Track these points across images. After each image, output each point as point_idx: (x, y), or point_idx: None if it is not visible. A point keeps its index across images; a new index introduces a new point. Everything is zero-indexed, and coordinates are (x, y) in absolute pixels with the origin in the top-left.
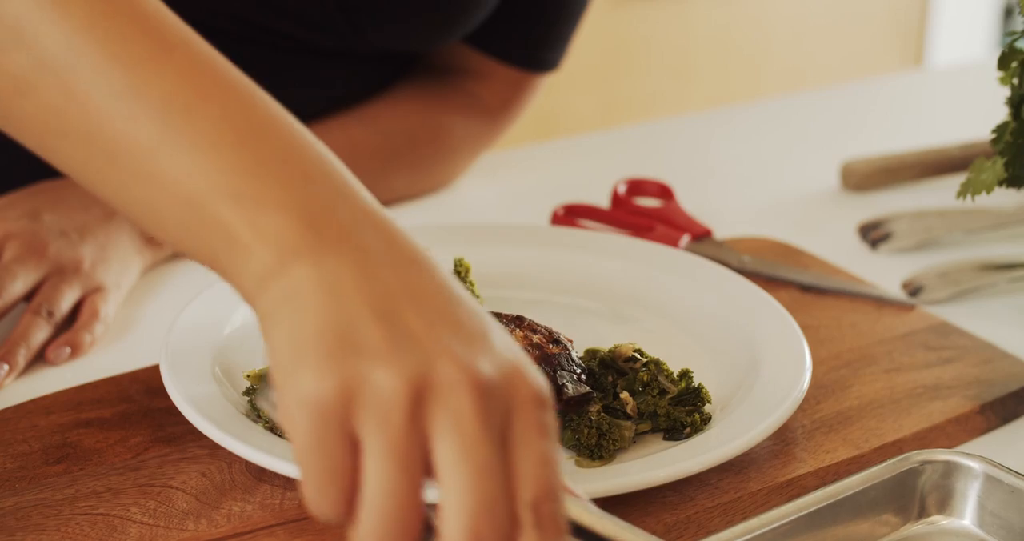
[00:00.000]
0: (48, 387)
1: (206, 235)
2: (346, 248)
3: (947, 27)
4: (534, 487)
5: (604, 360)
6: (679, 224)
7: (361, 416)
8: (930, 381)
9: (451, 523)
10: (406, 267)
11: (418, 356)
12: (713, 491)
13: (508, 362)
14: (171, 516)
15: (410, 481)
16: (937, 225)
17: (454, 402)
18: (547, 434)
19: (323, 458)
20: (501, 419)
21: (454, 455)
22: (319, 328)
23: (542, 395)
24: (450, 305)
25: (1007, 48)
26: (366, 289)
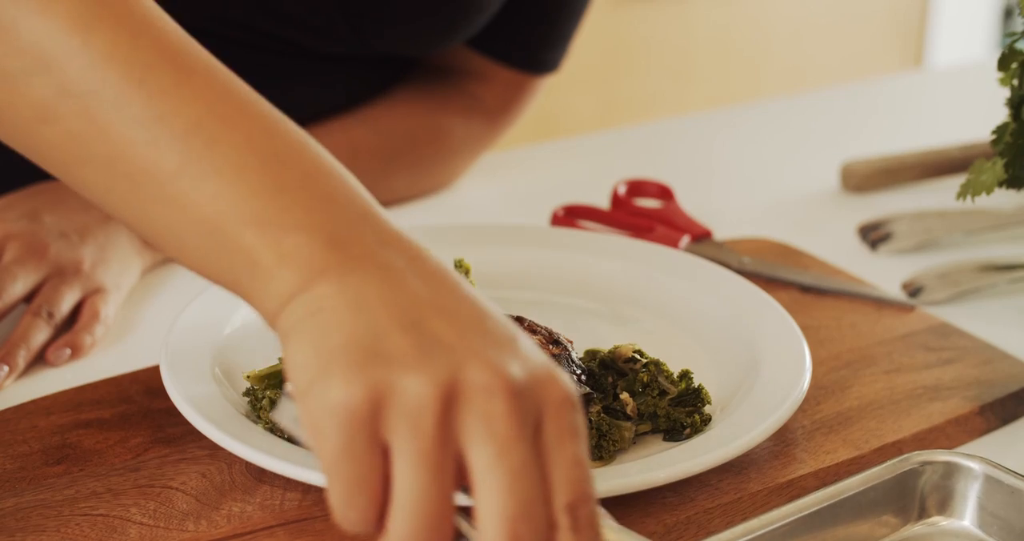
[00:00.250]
0: (48, 388)
1: (228, 260)
2: (371, 266)
3: (947, 28)
4: (569, 490)
5: (604, 361)
6: (679, 225)
7: (391, 422)
8: (930, 382)
9: (489, 527)
10: (431, 280)
11: (447, 361)
12: (713, 492)
13: (538, 366)
14: (171, 517)
15: (442, 487)
16: (937, 226)
17: (486, 406)
18: (579, 437)
19: (353, 467)
20: (533, 422)
21: (488, 458)
22: (345, 340)
23: (572, 398)
24: (477, 314)
25: (1007, 49)
26: (392, 302)
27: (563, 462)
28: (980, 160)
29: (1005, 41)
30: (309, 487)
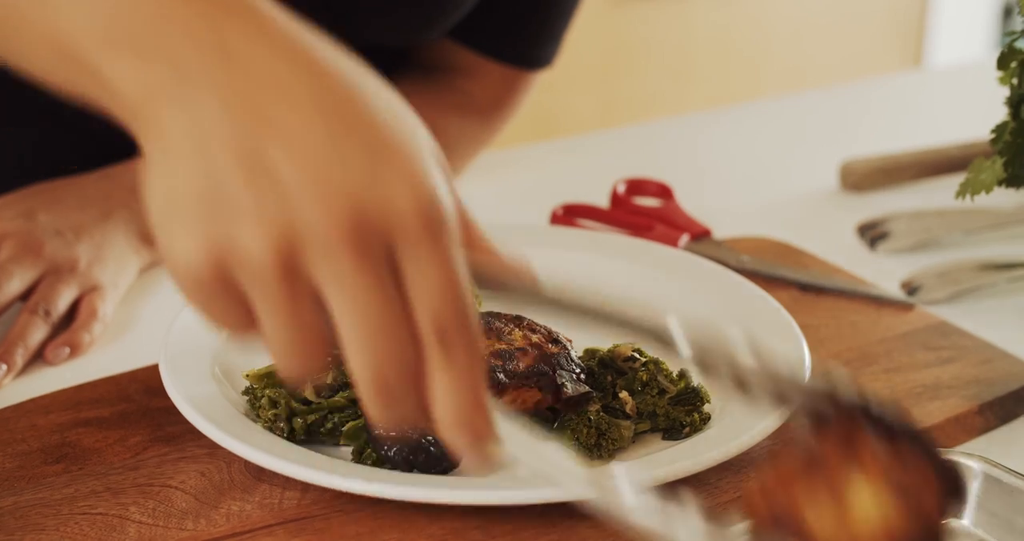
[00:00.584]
0: (47, 387)
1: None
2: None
3: (946, 27)
4: (437, 316)
5: (603, 360)
6: (678, 224)
7: (240, 280)
8: (929, 381)
9: (358, 379)
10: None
11: (282, 209)
12: (712, 491)
13: (394, 183)
14: (170, 515)
15: (303, 331)
16: (936, 225)
17: (327, 259)
18: (443, 261)
19: (213, 313)
20: (386, 256)
21: (341, 312)
22: (187, 188)
23: (432, 219)
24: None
25: (1006, 48)
26: (230, 130)
27: (426, 290)
28: (979, 159)
29: (1004, 40)
30: (308, 486)
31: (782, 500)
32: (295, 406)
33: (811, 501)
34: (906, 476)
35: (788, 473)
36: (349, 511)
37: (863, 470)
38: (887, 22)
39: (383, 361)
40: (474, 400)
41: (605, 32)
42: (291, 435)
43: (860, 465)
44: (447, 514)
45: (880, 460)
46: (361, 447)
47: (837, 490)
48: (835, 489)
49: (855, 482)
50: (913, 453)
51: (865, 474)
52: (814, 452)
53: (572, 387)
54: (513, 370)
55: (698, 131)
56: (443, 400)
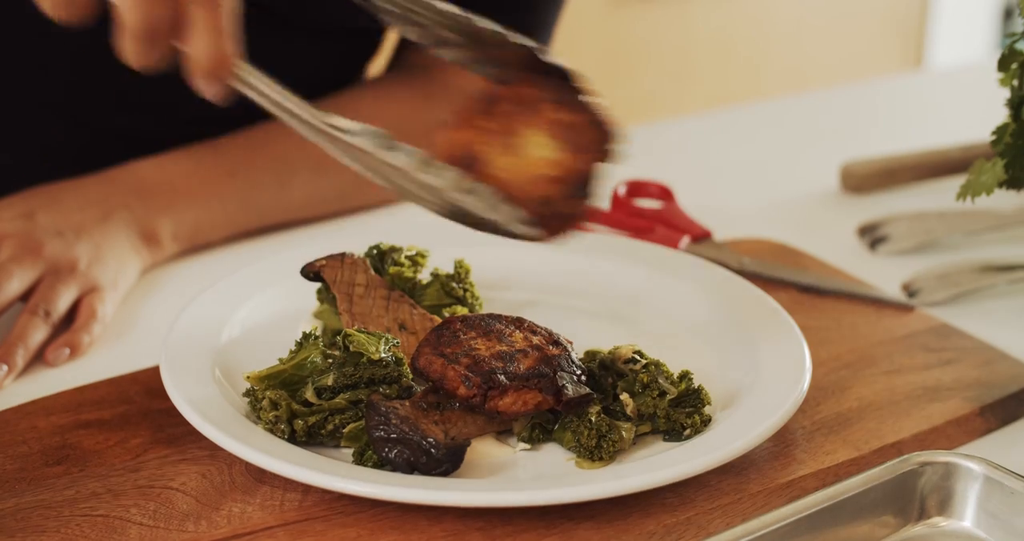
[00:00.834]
0: (48, 388)
1: None
2: None
3: (947, 28)
4: None
5: (604, 362)
6: (679, 225)
7: None
8: (930, 383)
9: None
10: None
11: None
12: (713, 492)
13: None
14: (171, 517)
15: None
16: (937, 227)
17: None
18: None
19: None
20: None
21: None
22: None
23: None
24: None
25: (1007, 50)
26: None
27: None
28: (980, 161)
29: (1005, 42)
30: (309, 488)
31: (463, 138)
32: (296, 408)
33: (487, 136)
34: (569, 118)
35: (470, 115)
36: (350, 513)
37: (534, 113)
38: (887, 23)
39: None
40: (219, 45)
41: (605, 33)
42: (292, 437)
43: (532, 108)
44: (448, 516)
45: (549, 104)
46: (362, 449)
47: (512, 129)
48: (510, 128)
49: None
50: (577, 101)
51: (535, 116)
52: (494, 96)
53: (573, 389)
54: (514, 372)
55: (698, 132)
56: (195, 45)
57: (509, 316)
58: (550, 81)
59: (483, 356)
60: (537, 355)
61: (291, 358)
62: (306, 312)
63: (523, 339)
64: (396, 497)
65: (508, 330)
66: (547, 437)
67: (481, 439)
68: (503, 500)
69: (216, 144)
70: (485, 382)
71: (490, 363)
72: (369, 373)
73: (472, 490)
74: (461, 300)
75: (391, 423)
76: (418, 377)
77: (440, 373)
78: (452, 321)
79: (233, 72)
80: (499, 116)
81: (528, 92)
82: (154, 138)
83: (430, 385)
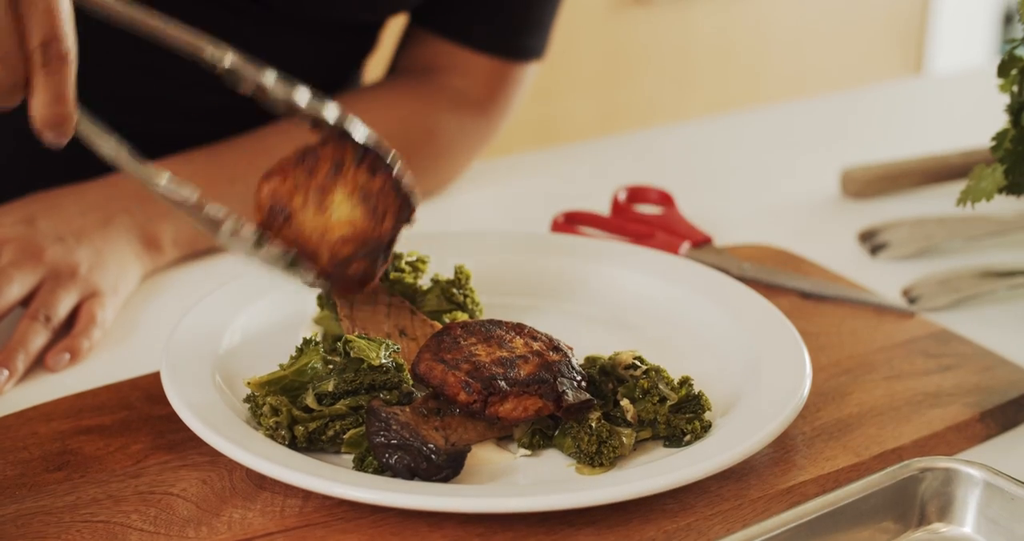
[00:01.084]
0: (48, 394)
1: None
2: None
3: (947, 34)
4: (39, 33)
5: (604, 368)
6: (679, 231)
7: None
8: (930, 388)
9: None
10: None
11: None
12: (713, 498)
13: None
14: (172, 523)
15: None
16: (937, 232)
17: None
18: None
19: None
20: None
21: None
22: None
23: None
24: None
25: (1007, 56)
26: None
27: (35, 14)
28: (980, 166)
29: (1005, 47)
30: (309, 494)
31: (279, 188)
32: (297, 414)
33: (300, 192)
34: (371, 183)
35: (287, 167)
36: (350, 519)
37: (343, 177)
38: (888, 29)
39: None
40: (57, 108)
41: (605, 39)
42: (292, 443)
43: (342, 173)
44: (448, 522)
45: (355, 168)
46: (362, 455)
47: (322, 188)
48: (320, 187)
49: (335, 184)
50: (382, 172)
51: (343, 180)
52: (312, 155)
53: (573, 395)
54: (515, 378)
55: (699, 138)
56: (37, 98)
57: (509, 322)
58: (359, 146)
59: (483, 362)
60: (537, 361)
61: (292, 364)
62: (307, 318)
63: (523, 345)
64: (397, 503)
65: (508, 336)
66: (547, 443)
67: (481, 445)
68: (503, 506)
69: (216, 150)
70: (485, 388)
71: (490, 369)
72: (370, 379)
73: (472, 496)
74: (461, 306)
75: (392, 429)
76: (419, 383)
77: (440, 379)
78: (452, 327)
79: (69, 129)
80: (316, 173)
81: (340, 154)
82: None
83: (430, 391)
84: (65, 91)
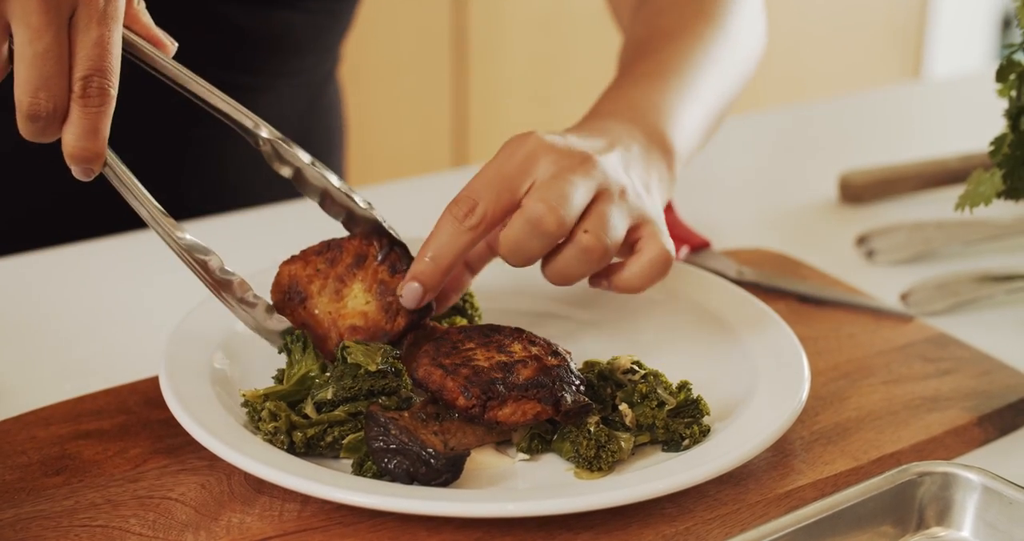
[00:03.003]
0: (47, 398)
1: None
2: None
3: (946, 38)
4: (86, 67)
5: (602, 372)
6: (678, 235)
7: None
8: (928, 393)
9: (17, 92)
10: None
11: None
12: (712, 503)
13: None
14: (170, 528)
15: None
16: (935, 236)
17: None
18: (106, 22)
19: None
20: (69, 11)
21: (19, 40)
22: None
23: None
24: None
25: (1005, 60)
26: None
27: (87, 44)
28: (978, 171)
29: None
30: (308, 498)
31: (299, 272)
32: (295, 420)
33: (319, 278)
34: (391, 284)
35: (311, 255)
36: (349, 523)
37: (363, 270)
38: (886, 33)
39: (39, 88)
40: (88, 142)
41: (604, 42)
42: (291, 448)
43: (363, 267)
44: (447, 526)
45: (377, 268)
46: (361, 460)
47: (340, 278)
48: (339, 277)
49: (354, 277)
50: (403, 272)
51: (364, 273)
52: (336, 247)
53: (572, 399)
54: (513, 382)
55: None
56: (71, 130)
57: (508, 327)
58: (384, 243)
59: (482, 367)
60: (536, 365)
61: (288, 375)
62: None
63: (522, 349)
64: (395, 508)
65: (507, 341)
66: (546, 447)
67: (480, 449)
68: (502, 511)
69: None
70: (484, 392)
71: (489, 374)
72: (368, 384)
73: (471, 500)
74: (461, 311)
75: (390, 434)
76: (417, 388)
77: (439, 384)
78: (451, 332)
79: (97, 166)
80: (337, 263)
81: (364, 248)
82: None
83: (429, 396)
84: (100, 126)
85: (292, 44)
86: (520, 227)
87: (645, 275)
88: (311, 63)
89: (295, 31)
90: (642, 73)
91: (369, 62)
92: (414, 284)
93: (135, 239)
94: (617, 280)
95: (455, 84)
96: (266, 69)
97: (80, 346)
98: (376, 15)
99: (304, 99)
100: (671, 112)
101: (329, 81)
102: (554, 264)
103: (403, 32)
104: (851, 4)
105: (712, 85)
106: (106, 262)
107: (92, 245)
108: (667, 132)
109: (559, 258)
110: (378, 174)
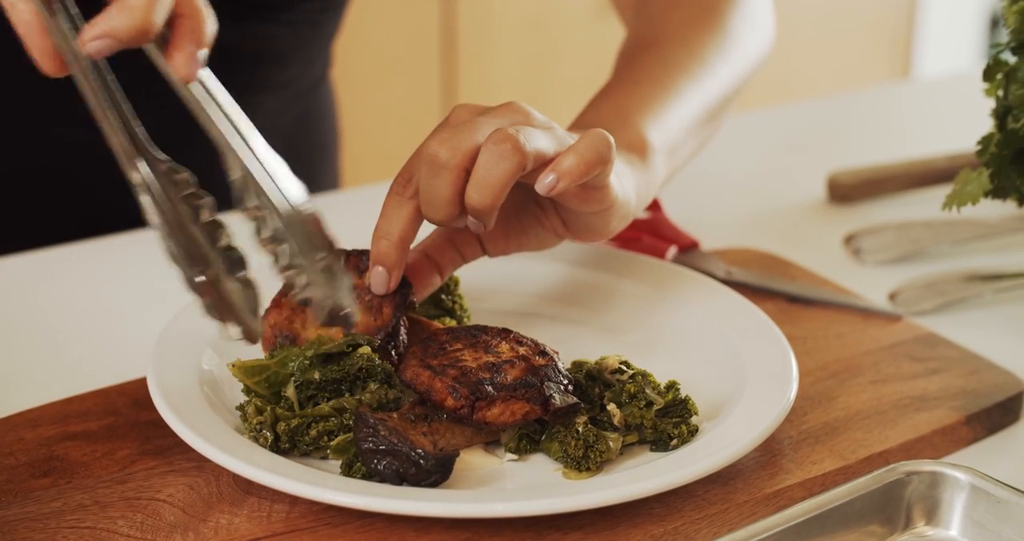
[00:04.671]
0: (34, 400)
1: None
2: None
3: (934, 38)
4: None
5: (590, 372)
6: (666, 235)
7: None
8: (916, 392)
9: None
10: None
11: None
12: (700, 502)
13: None
14: (158, 529)
15: None
16: (923, 236)
17: None
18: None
19: None
20: None
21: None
22: None
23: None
24: None
25: (992, 60)
26: None
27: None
28: (966, 170)
29: (991, 52)
30: (296, 499)
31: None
32: (280, 412)
33: (297, 315)
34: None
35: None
36: (337, 524)
37: None
38: (875, 33)
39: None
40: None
41: (593, 42)
42: (276, 443)
43: None
44: (435, 527)
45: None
46: (350, 461)
47: None
48: None
49: None
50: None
51: None
52: None
53: (560, 399)
54: (501, 382)
55: None
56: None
57: (495, 327)
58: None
59: (470, 367)
60: (524, 365)
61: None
62: None
63: (510, 350)
64: (384, 508)
65: (494, 341)
66: (535, 447)
67: (469, 450)
68: (491, 511)
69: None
70: (472, 393)
71: (477, 374)
72: (357, 365)
73: (460, 501)
74: (450, 312)
75: (379, 435)
76: (406, 389)
77: (427, 385)
78: (438, 333)
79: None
80: None
81: None
82: None
83: (418, 397)
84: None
85: (275, 56)
86: None
87: (583, 152)
88: (295, 74)
89: (277, 43)
90: (632, 80)
91: (358, 64)
92: (377, 268)
93: (122, 240)
94: (556, 166)
95: (444, 85)
96: (251, 85)
97: (68, 348)
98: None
99: (291, 113)
100: (647, 111)
101: (320, 86)
102: (474, 172)
103: (392, 33)
104: (839, 4)
105: (703, 85)
106: (93, 264)
107: (79, 247)
108: (640, 127)
109: (476, 164)
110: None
